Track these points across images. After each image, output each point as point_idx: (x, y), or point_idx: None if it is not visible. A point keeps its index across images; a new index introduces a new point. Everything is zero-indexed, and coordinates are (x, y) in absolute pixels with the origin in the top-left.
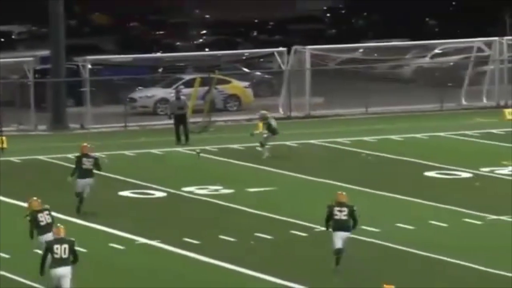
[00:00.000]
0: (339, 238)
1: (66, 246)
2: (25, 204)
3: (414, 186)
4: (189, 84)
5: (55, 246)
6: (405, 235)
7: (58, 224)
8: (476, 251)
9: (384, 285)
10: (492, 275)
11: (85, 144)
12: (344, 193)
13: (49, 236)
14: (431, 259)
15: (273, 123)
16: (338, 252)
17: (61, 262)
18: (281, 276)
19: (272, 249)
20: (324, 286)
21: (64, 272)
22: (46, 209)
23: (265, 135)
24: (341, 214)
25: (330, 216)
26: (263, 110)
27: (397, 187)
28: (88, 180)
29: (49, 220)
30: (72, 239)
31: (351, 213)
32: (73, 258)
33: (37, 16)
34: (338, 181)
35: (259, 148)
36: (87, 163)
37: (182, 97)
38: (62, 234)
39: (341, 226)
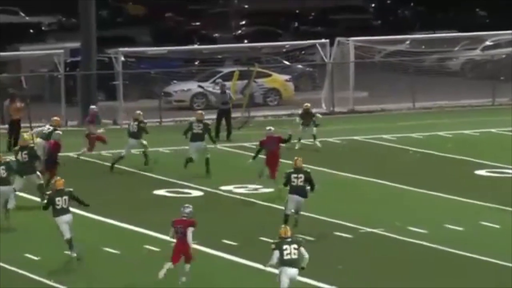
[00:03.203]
0: (292, 202)
1: (66, 197)
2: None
3: (464, 185)
4: (227, 77)
5: (57, 199)
6: (454, 236)
7: (58, 177)
8: None
9: None
10: None
11: None
12: (300, 158)
13: (62, 219)
14: (482, 262)
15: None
16: (286, 217)
17: (63, 211)
18: (321, 279)
19: (314, 251)
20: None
21: (67, 219)
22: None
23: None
24: (297, 180)
25: (287, 182)
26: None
27: (446, 186)
28: None
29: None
30: (70, 189)
31: (308, 179)
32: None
33: (67, 6)
34: (384, 179)
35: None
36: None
37: (227, 91)
38: (61, 186)
39: (296, 191)
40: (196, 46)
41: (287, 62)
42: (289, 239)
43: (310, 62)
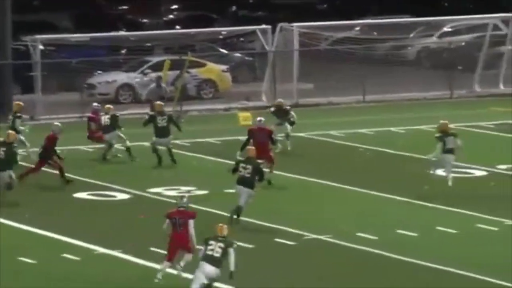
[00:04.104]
0: (239, 193)
1: None
2: None
3: (419, 187)
4: (157, 67)
5: None
6: (407, 243)
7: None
8: (491, 262)
9: None
10: None
11: None
12: (252, 148)
13: None
14: (437, 270)
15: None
16: (239, 208)
17: None
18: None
19: (253, 260)
20: None
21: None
22: None
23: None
24: (245, 171)
25: (235, 170)
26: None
27: (399, 188)
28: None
29: None
30: None
31: (256, 170)
32: None
33: None
34: (331, 180)
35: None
36: None
37: (163, 85)
38: None
39: (242, 181)
40: (122, 33)
41: (223, 51)
42: (221, 238)
43: (250, 51)
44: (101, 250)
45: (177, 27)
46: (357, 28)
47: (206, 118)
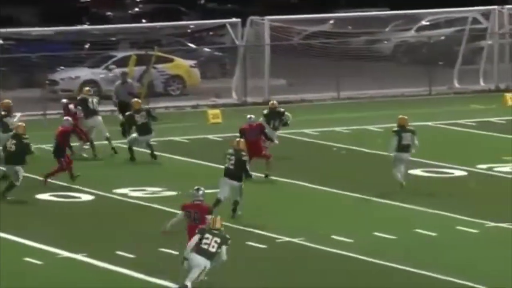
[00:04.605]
0: (224, 185)
1: None
2: None
3: (396, 187)
4: (122, 63)
5: None
6: (384, 246)
7: None
8: (472, 266)
9: None
10: None
11: None
12: (242, 139)
13: None
14: (416, 275)
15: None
16: (218, 201)
17: None
18: None
19: (225, 263)
20: None
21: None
22: None
23: None
24: (229, 162)
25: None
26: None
27: (376, 188)
28: None
29: None
30: None
31: (238, 162)
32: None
33: None
34: (304, 181)
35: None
36: None
37: (129, 80)
38: None
39: (226, 173)
40: (86, 27)
41: (192, 45)
42: (216, 231)
43: (219, 45)
44: (65, 253)
45: (143, 20)
46: (331, 22)
47: (174, 115)
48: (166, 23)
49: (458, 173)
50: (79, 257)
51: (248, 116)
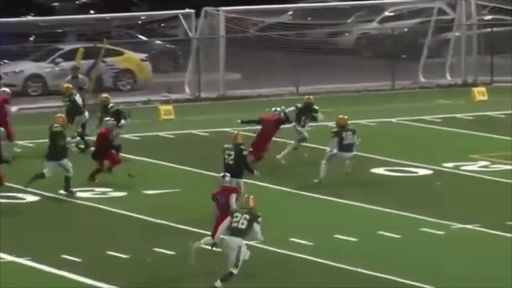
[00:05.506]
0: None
1: None
2: None
3: (358, 187)
4: (69, 56)
5: None
6: (346, 249)
7: None
8: (437, 269)
9: None
10: None
11: None
12: (240, 133)
13: None
14: (378, 279)
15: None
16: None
17: None
18: None
19: (178, 265)
20: None
21: None
22: None
23: None
24: (228, 158)
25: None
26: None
27: (336, 188)
28: None
29: None
30: None
31: (237, 157)
32: None
33: None
34: (262, 181)
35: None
36: None
37: (79, 75)
38: None
39: (227, 170)
40: (30, 18)
41: (143, 37)
42: (246, 209)
43: (172, 38)
44: (8, 258)
45: (91, 11)
46: (290, 13)
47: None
48: (116, 14)
49: (423, 172)
50: (23, 261)
51: (274, 108)
